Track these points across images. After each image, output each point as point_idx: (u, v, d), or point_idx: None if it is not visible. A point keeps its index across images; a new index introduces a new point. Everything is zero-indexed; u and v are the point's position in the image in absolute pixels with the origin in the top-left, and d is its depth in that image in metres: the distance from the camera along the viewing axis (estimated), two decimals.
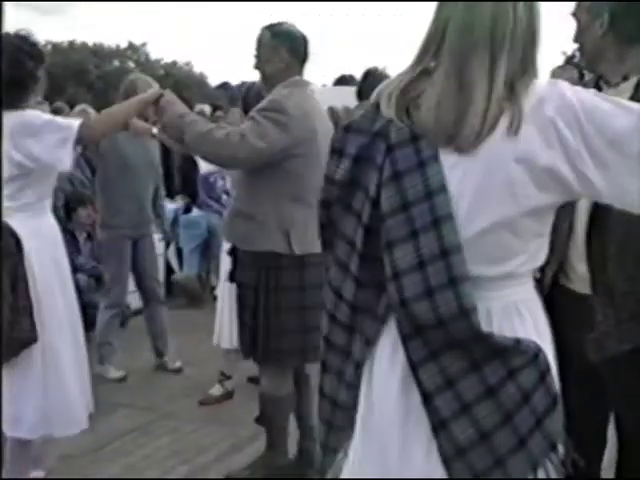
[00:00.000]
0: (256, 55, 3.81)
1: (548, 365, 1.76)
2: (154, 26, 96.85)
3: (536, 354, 1.73)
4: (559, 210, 1.81)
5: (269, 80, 3.79)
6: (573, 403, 1.92)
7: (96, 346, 5.70)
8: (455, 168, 1.70)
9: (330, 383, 1.92)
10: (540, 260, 1.83)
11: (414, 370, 1.74)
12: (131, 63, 53.81)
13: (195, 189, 8.28)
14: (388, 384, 1.81)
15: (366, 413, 1.86)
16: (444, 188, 1.69)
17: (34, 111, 3.47)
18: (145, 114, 3.63)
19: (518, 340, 1.72)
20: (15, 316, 3.39)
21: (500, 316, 1.76)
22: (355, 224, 1.80)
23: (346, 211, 1.82)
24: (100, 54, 53.04)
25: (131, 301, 6.76)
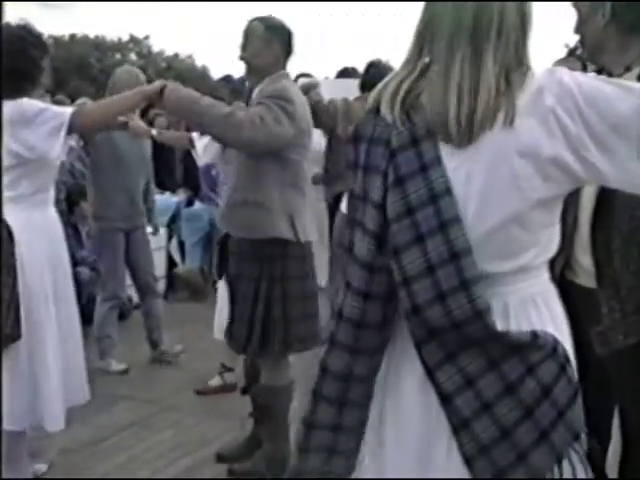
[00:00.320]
0: (243, 47, 3.83)
1: (567, 356, 1.75)
2: (156, 19, 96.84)
3: (554, 347, 1.72)
4: (564, 204, 1.80)
5: (258, 72, 3.82)
6: None
7: (95, 339, 5.70)
8: (458, 169, 1.68)
9: (333, 384, 1.85)
10: (552, 250, 1.81)
11: (430, 374, 1.72)
12: (133, 56, 53.80)
13: (197, 182, 8.28)
14: (406, 384, 1.80)
15: (383, 414, 1.85)
16: (449, 191, 1.67)
17: (30, 100, 3.45)
18: (151, 103, 3.61)
19: (535, 334, 1.70)
20: (1, 310, 3.36)
21: (517, 310, 1.75)
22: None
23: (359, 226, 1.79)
24: (102, 47, 53.03)
25: (132, 294, 6.76)
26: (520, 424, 1.70)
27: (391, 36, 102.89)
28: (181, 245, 8.55)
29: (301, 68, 4.41)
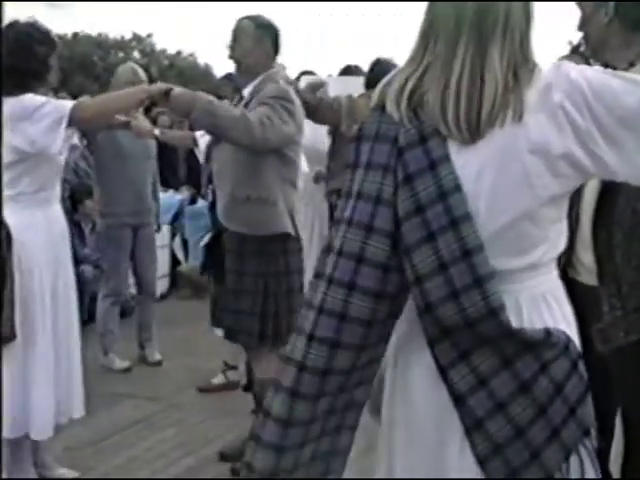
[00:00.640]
0: (233, 45, 3.88)
1: (579, 353, 1.75)
2: (158, 17, 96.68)
3: (567, 344, 1.72)
4: None
5: (249, 70, 3.88)
6: None
7: (98, 337, 5.70)
8: (468, 167, 1.67)
9: (336, 381, 1.78)
10: (561, 246, 1.80)
11: (443, 373, 1.71)
12: (136, 54, 53.76)
13: (200, 180, 8.28)
14: (416, 385, 1.79)
15: (393, 415, 1.84)
16: (459, 188, 1.65)
17: (32, 95, 3.45)
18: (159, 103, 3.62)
19: (548, 332, 1.70)
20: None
21: (529, 307, 1.73)
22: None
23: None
24: (105, 46, 53.00)
25: (135, 292, 6.75)
26: (534, 422, 1.69)
27: (391, 36, 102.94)
28: (184, 243, 8.56)
29: (301, 67, 4.44)
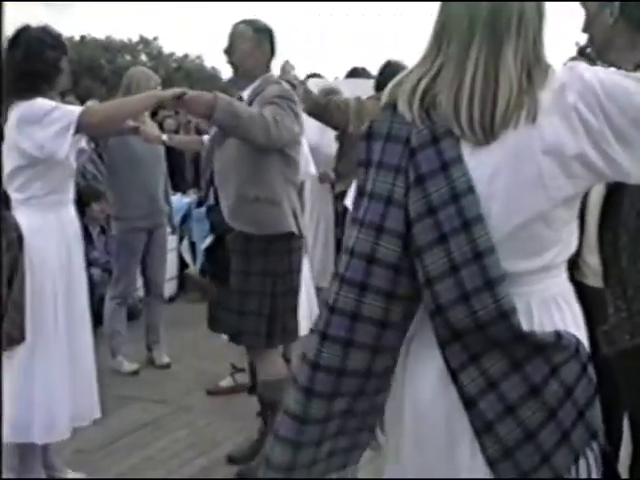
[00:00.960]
0: (231, 50, 3.92)
1: (588, 356, 1.75)
2: (164, 20, 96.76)
3: (577, 347, 1.72)
4: None
5: (248, 74, 3.92)
6: None
7: (106, 339, 5.72)
8: (481, 168, 1.67)
9: (353, 382, 1.78)
10: (572, 248, 1.80)
11: (454, 375, 1.71)
12: (143, 57, 53.83)
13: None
14: (425, 387, 1.78)
15: (401, 417, 1.83)
16: (471, 189, 1.65)
17: (43, 99, 3.47)
18: (169, 107, 3.65)
19: (559, 335, 1.70)
20: (6, 311, 3.37)
21: (540, 309, 1.73)
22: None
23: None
24: (112, 49, 53.07)
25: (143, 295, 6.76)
26: (544, 426, 1.69)
27: (391, 36, 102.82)
28: (192, 246, 8.55)
29: (300, 67, 4.47)
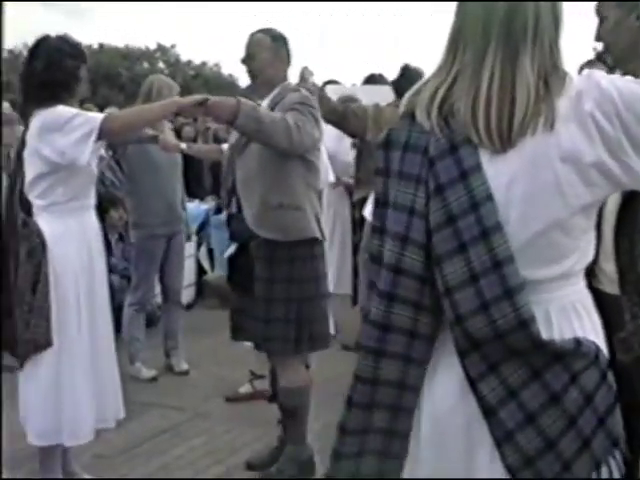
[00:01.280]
0: (249, 59, 3.94)
1: (608, 363, 1.74)
2: (182, 28, 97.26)
3: (596, 354, 1.71)
4: None
5: (267, 83, 3.95)
6: None
7: (125, 345, 5.73)
8: (499, 175, 1.66)
9: (387, 392, 1.80)
10: (591, 256, 1.79)
11: (473, 385, 1.70)
12: (161, 64, 54.10)
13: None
14: (443, 397, 1.78)
15: (419, 427, 1.82)
16: (490, 198, 1.65)
17: (63, 107, 3.51)
18: (188, 114, 3.68)
19: (578, 342, 1.69)
20: (32, 317, 3.42)
21: (559, 317, 1.72)
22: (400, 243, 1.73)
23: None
24: (130, 56, 53.37)
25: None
26: (564, 434, 1.68)
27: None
28: (210, 252, 8.58)
29: (299, 67, 4.46)
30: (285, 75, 3.99)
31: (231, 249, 4.11)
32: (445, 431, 1.78)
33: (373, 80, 7.72)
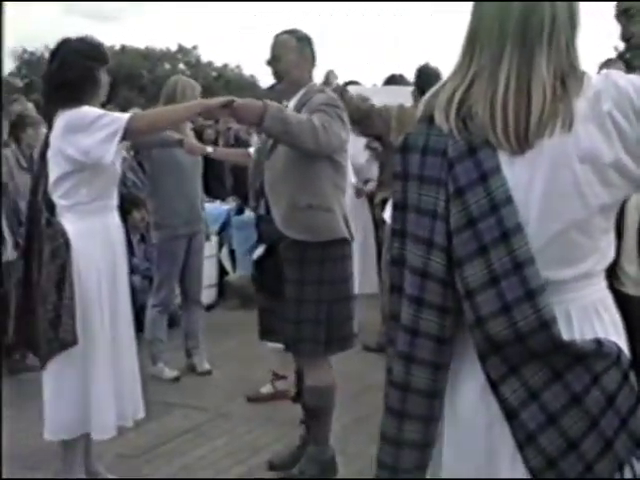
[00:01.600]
0: (274, 60, 3.95)
1: (630, 363, 1.73)
2: (204, 29, 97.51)
3: (618, 355, 1.70)
4: None
5: (293, 84, 3.95)
6: None
7: (147, 345, 5.75)
8: (519, 176, 1.66)
9: (418, 401, 1.80)
10: (611, 256, 1.79)
11: (494, 387, 1.70)
12: (182, 66, 54.30)
13: (247, 190, 8.30)
14: (463, 400, 1.78)
15: (440, 431, 1.82)
16: (510, 199, 1.65)
17: (88, 107, 3.54)
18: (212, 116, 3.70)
19: (600, 343, 1.68)
20: (58, 316, 3.45)
21: (580, 317, 1.72)
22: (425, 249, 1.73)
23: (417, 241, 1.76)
24: (151, 58, 53.61)
25: None
26: (586, 435, 1.67)
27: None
28: (232, 253, 8.60)
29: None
30: (310, 76, 4.00)
31: (259, 251, 4.11)
32: (467, 433, 1.78)
33: (394, 81, 7.73)
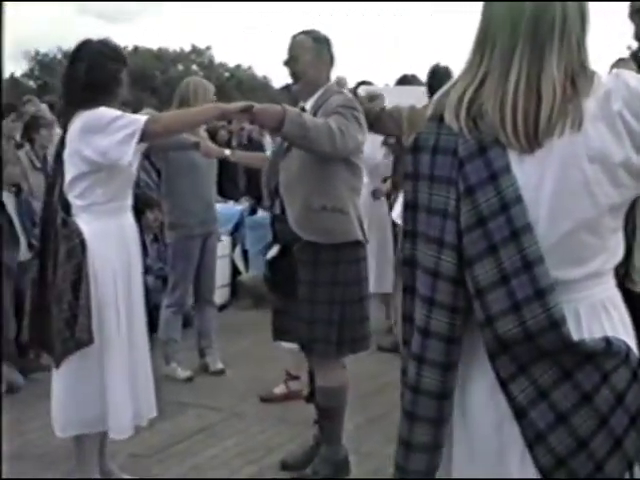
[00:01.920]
0: (291, 61, 3.95)
1: (639, 362, 1.73)
2: (217, 30, 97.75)
3: (627, 353, 1.70)
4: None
5: (310, 84, 3.95)
6: None
7: (161, 345, 5.76)
8: (528, 176, 1.67)
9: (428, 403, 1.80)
10: (620, 255, 1.79)
11: (504, 386, 1.71)
12: (195, 67, 54.38)
13: (260, 190, 8.32)
14: (473, 400, 1.78)
15: (454, 424, 1.82)
16: (519, 198, 1.65)
17: (106, 108, 3.55)
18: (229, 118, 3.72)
19: (609, 341, 1.69)
20: (74, 315, 3.47)
21: (589, 316, 1.72)
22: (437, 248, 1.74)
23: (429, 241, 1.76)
24: (164, 58, 53.71)
25: None
26: (596, 434, 1.68)
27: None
28: (245, 253, 8.61)
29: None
30: (328, 76, 4.00)
31: (273, 251, 4.11)
32: (476, 432, 1.78)
33: (406, 81, 7.71)
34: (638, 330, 1.90)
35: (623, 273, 2.39)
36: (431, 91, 5.52)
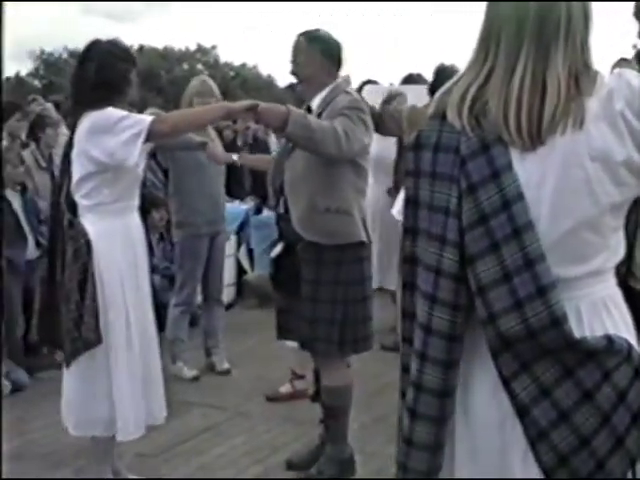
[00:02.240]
0: (293, 61, 3.98)
1: None
2: (222, 29, 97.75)
3: (629, 351, 1.71)
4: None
5: (316, 84, 3.96)
6: None
7: (168, 345, 5.77)
8: (530, 174, 1.68)
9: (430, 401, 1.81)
10: (621, 254, 1.80)
11: (506, 384, 1.71)
12: (200, 66, 54.38)
13: (266, 190, 8.31)
14: (475, 398, 1.79)
15: (452, 428, 1.83)
16: (521, 196, 1.66)
17: (113, 108, 3.56)
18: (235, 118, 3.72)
19: (610, 339, 1.69)
20: (81, 316, 3.48)
21: (590, 314, 1.73)
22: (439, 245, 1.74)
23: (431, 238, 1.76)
24: (169, 58, 53.70)
25: None
26: (598, 432, 1.68)
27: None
28: (250, 252, 8.62)
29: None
30: (333, 75, 3.99)
31: (277, 249, 4.13)
32: (478, 430, 1.79)
33: (411, 80, 7.72)
34: (638, 327, 1.91)
35: (625, 271, 2.39)
36: (433, 91, 5.51)
